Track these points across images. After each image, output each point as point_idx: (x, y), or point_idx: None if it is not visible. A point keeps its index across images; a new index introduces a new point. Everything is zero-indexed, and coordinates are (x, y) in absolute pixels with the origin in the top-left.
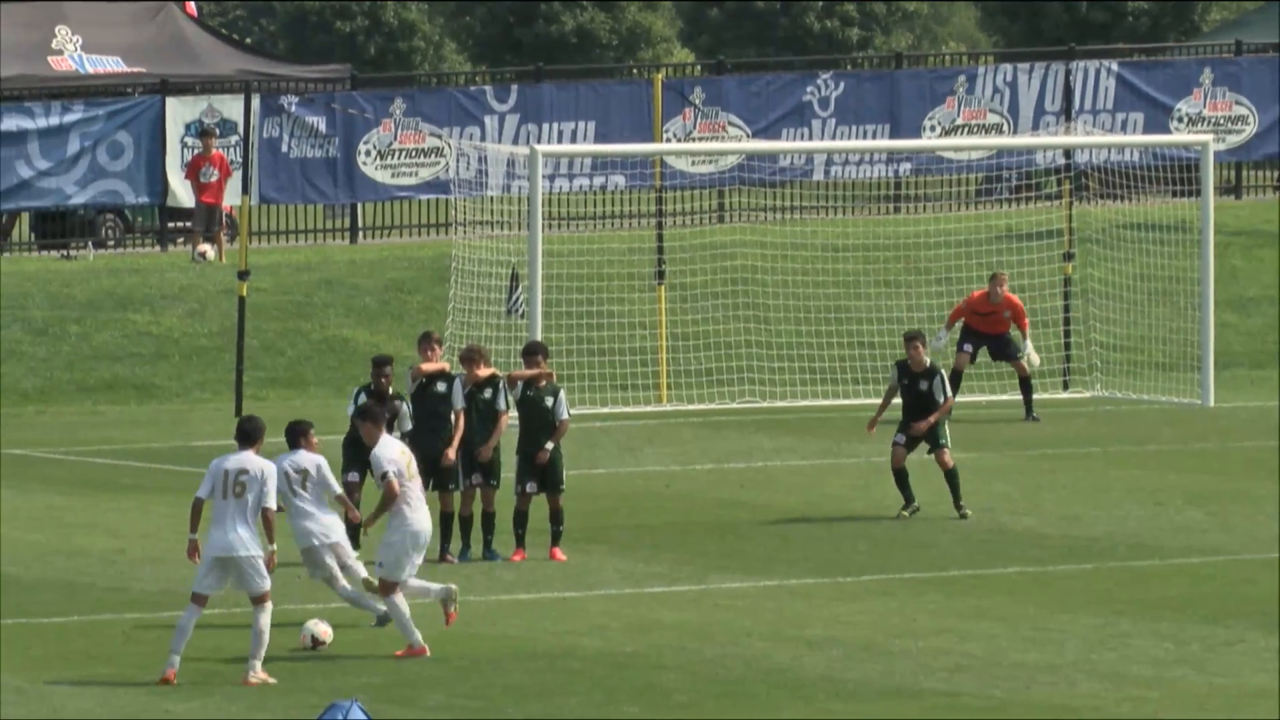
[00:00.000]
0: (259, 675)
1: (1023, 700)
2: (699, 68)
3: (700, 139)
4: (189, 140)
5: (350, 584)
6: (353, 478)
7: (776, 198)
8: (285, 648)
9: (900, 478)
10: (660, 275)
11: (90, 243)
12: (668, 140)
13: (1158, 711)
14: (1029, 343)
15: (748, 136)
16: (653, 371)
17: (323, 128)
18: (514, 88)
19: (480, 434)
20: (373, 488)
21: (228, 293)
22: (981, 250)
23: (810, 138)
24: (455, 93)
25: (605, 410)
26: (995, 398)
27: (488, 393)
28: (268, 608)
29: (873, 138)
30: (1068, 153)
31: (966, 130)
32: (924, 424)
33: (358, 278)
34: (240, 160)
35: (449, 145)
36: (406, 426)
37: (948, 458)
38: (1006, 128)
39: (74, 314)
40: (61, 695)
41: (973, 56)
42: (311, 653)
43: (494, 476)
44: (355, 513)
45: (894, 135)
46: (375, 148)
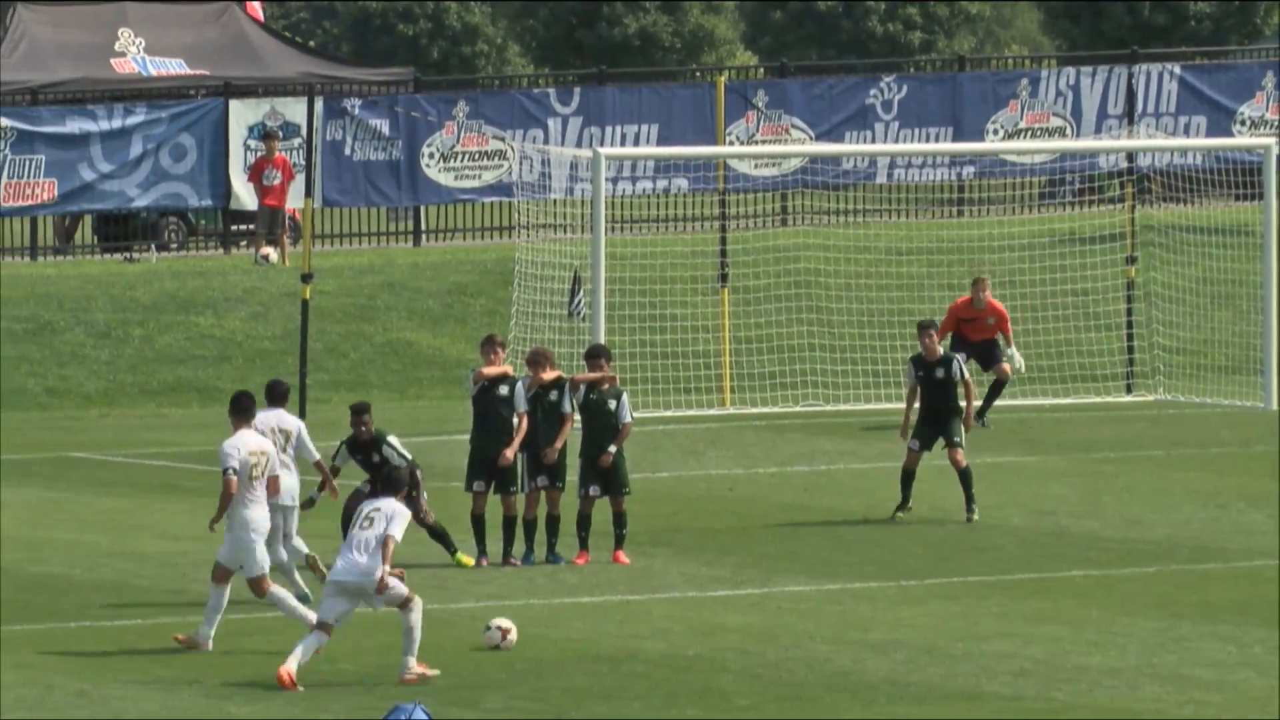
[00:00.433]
0: (416, 670)
1: (1085, 704)
2: (762, 70)
3: (763, 142)
4: (252, 143)
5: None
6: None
7: (839, 201)
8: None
9: (907, 479)
10: (723, 278)
11: (153, 245)
12: (731, 143)
13: (1220, 714)
14: (1013, 348)
15: (811, 139)
16: (716, 375)
17: (386, 130)
18: (577, 90)
19: (546, 436)
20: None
21: (291, 295)
22: (1044, 254)
23: (873, 141)
24: (518, 95)
25: (668, 413)
26: (1058, 401)
27: (553, 395)
28: (415, 605)
29: (935, 141)
30: (1130, 156)
31: (1029, 134)
32: (969, 412)
33: (421, 281)
34: (303, 163)
35: (512, 148)
36: (423, 499)
37: (961, 456)
38: (1069, 131)
39: (137, 317)
40: (122, 697)
41: (1035, 60)
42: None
43: (559, 479)
44: (334, 487)
45: (957, 138)
46: (438, 150)
